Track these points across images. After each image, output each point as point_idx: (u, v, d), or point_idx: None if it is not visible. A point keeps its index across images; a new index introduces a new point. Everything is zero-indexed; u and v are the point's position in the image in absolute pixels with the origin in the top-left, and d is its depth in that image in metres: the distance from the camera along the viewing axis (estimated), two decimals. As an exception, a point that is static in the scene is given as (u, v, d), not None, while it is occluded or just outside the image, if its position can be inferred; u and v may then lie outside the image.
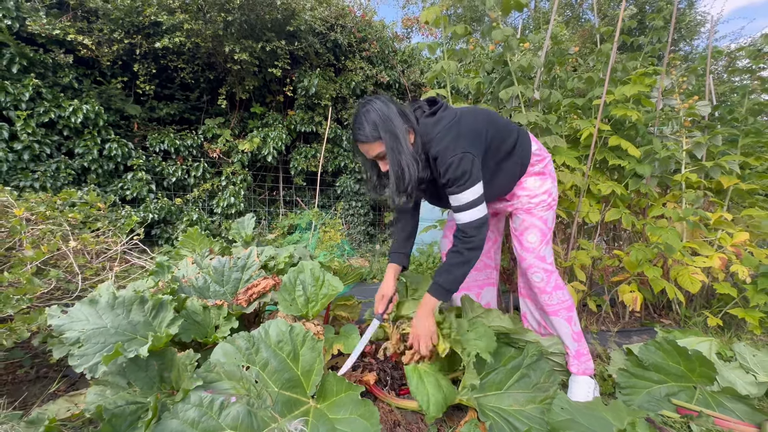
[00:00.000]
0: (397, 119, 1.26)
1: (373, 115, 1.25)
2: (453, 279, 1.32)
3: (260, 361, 1.05)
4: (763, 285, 1.98)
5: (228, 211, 4.70)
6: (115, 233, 2.48)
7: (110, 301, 1.13)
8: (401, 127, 1.26)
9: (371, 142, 1.26)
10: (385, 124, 1.24)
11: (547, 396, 1.29)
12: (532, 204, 1.51)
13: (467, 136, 1.28)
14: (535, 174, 1.51)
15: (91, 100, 3.97)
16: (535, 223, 1.50)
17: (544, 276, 1.50)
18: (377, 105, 1.26)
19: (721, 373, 1.50)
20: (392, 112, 1.26)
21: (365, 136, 1.25)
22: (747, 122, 2.25)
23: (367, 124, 1.25)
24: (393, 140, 1.25)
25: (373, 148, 1.27)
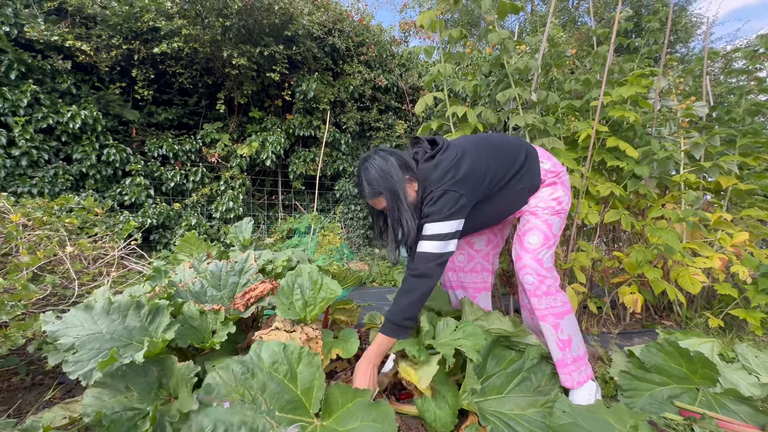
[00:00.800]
0: (396, 173, 1.29)
1: (372, 173, 1.29)
2: (397, 309, 1.25)
3: (257, 386, 1.01)
4: (764, 285, 1.97)
5: (227, 216, 4.69)
6: (113, 238, 2.47)
7: (106, 307, 1.11)
8: (401, 181, 1.29)
9: (374, 198, 1.32)
10: (384, 181, 1.28)
11: (548, 399, 1.28)
12: (539, 207, 1.49)
13: (464, 180, 1.29)
14: (547, 185, 1.50)
15: (89, 105, 3.97)
16: (539, 225, 1.47)
17: (536, 279, 1.43)
18: (377, 162, 1.30)
19: (723, 375, 1.48)
20: (392, 166, 1.29)
21: (367, 194, 1.32)
22: (745, 122, 2.25)
23: (367, 183, 1.30)
24: (392, 198, 1.29)
25: (377, 203, 1.34)
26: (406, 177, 1.31)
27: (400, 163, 1.32)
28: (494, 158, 1.38)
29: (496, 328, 1.42)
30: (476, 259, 1.76)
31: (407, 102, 5.88)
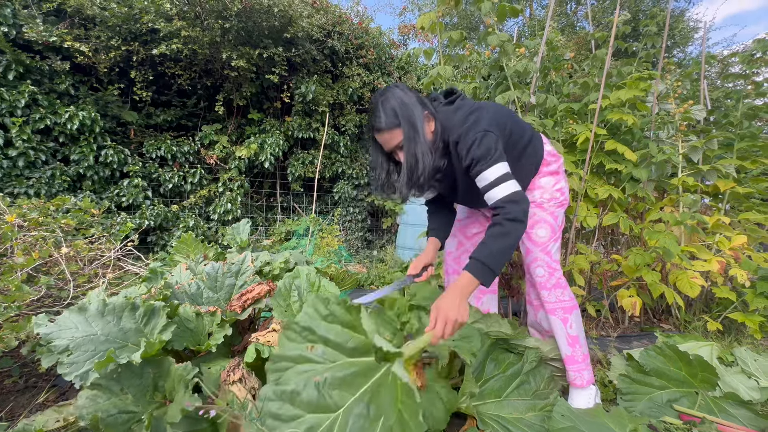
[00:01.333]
0: (416, 107, 1.24)
1: (392, 102, 1.23)
2: (489, 253, 1.12)
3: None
4: (762, 289, 1.97)
5: (225, 218, 4.68)
6: (109, 240, 2.45)
7: (100, 308, 1.10)
8: (420, 114, 1.24)
9: (391, 129, 1.22)
10: (404, 111, 1.22)
11: (547, 403, 1.27)
12: (545, 199, 1.48)
13: (489, 121, 1.25)
14: (549, 174, 1.50)
15: (87, 106, 3.96)
16: (546, 218, 1.46)
17: (546, 271, 1.45)
18: (397, 92, 1.24)
19: (722, 378, 1.48)
20: (411, 99, 1.24)
21: (384, 123, 1.22)
22: (742, 126, 2.26)
23: (386, 112, 1.22)
24: (411, 129, 1.22)
25: (393, 137, 1.24)
26: (425, 113, 1.27)
27: (419, 99, 1.28)
28: (510, 120, 1.37)
29: (494, 331, 1.41)
30: None
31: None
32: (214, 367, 1.22)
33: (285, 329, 0.89)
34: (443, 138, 1.31)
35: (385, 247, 5.31)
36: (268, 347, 1.12)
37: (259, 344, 1.13)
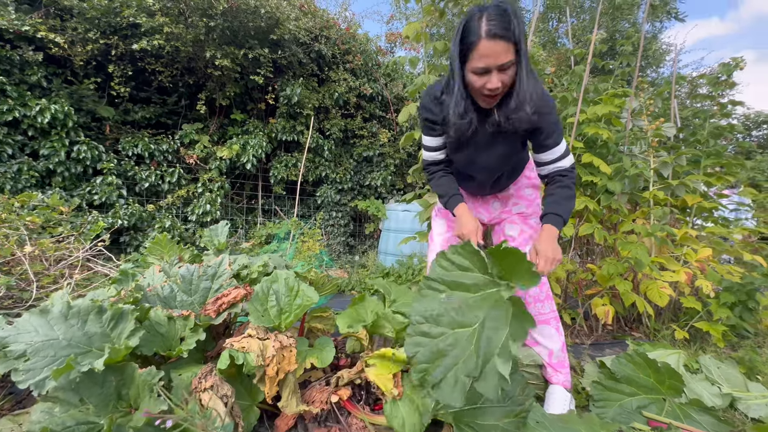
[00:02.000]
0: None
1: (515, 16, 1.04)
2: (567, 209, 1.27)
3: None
4: (725, 299, 2.06)
5: (203, 219, 4.56)
6: (78, 239, 2.35)
7: (64, 311, 1.05)
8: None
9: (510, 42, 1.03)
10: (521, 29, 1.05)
11: (522, 409, 1.28)
12: (529, 214, 1.52)
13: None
14: (530, 186, 1.54)
15: (60, 99, 3.80)
16: (533, 235, 1.50)
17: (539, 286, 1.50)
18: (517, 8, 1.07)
19: (688, 385, 1.53)
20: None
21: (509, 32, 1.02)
22: (708, 144, 2.38)
23: (514, 19, 1.03)
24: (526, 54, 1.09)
25: (507, 52, 1.04)
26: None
27: None
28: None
29: (472, 338, 1.42)
30: None
31: (392, 111, 5.93)
32: (185, 374, 1.18)
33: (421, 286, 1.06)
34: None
35: (367, 252, 5.29)
36: (242, 353, 1.09)
37: (234, 350, 1.10)
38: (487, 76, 1.09)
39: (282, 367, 1.16)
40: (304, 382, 1.45)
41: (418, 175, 2.43)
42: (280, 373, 1.15)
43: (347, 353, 1.65)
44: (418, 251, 4.13)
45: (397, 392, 1.23)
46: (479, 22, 1.04)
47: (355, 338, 1.59)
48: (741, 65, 2.19)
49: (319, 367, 1.39)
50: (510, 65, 1.07)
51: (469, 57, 1.09)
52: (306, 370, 1.43)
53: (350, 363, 1.58)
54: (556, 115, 1.24)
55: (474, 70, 1.09)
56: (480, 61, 1.06)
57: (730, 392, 1.52)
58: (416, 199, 2.43)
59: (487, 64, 1.06)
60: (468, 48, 1.08)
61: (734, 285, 2.07)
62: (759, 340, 2.35)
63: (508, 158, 1.36)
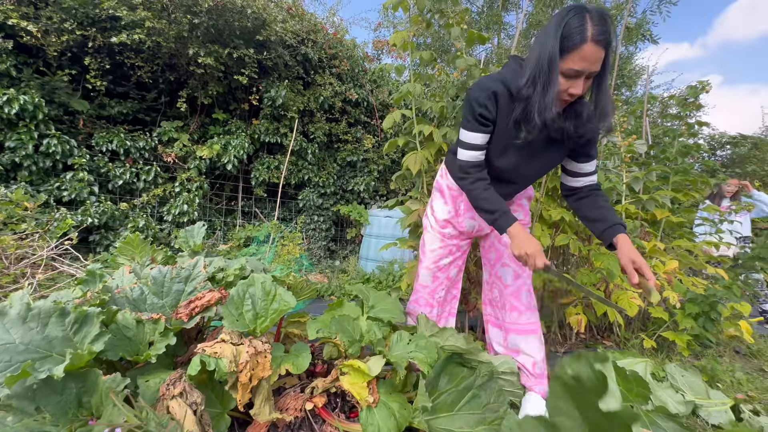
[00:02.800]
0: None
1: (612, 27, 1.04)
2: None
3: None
4: (690, 310, 2.16)
5: (180, 220, 4.43)
6: (44, 237, 2.23)
7: (22, 313, 0.99)
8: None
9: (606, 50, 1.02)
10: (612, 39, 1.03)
11: (497, 417, 1.29)
12: (525, 222, 1.56)
13: None
14: (527, 197, 1.58)
15: (30, 90, 3.64)
16: None
17: (531, 294, 1.53)
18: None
19: (654, 393, 1.59)
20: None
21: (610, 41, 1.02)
22: (677, 162, 2.50)
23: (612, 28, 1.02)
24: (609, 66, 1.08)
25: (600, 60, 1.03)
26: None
27: None
28: None
29: (450, 345, 1.43)
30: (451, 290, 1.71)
31: (376, 117, 5.96)
32: (153, 380, 1.13)
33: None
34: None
35: (348, 257, 5.26)
36: (215, 359, 1.05)
37: (205, 355, 1.06)
38: (575, 81, 1.06)
39: (255, 374, 1.13)
40: (278, 389, 1.42)
41: (402, 181, 2.44)
42: (254, 380, 1.12)
43: (324, 359, 1.63)
44: (398, 257, 4.13)
45: (373, 399, 1.22)
46: (585, 24, 1.00)
47: (333, 344, 1.57)
48: (707, 88, 2.32)
49: (294, 374, 1.37)
50: (595, 74, 1.06)
51: (565, 57, 1.04)
52: (281, 377, 1.39)
53: (327, 369, 1.56)
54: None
55: (566, 72, 1.05)
56: (578, 63, 1.02)
57: (693, 400, 1.59)
58: (398, 205, 2.44)
59: (584, 68, 1.03)
60: (568, 47, 1.03)
61: (698, 296, 2.17)
62: (720, 349, 2.47)
63: (553, 166, 1.34)
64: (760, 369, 2.24)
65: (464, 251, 1.69)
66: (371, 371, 1.21)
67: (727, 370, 2.08)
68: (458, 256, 1.62)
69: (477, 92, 1.23)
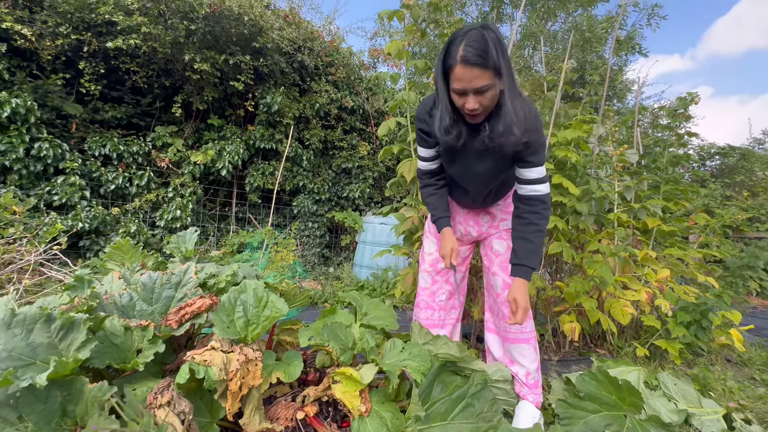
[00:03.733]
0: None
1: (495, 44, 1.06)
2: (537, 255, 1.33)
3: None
4: (682, 318, 2.17)
5: (173, 225, 4.39)
6: (32, 242, 2.20)
7: (7, 319, 0.96)
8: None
9: (486, 69, 1.06)
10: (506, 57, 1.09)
11: (490, 426, 1.28)
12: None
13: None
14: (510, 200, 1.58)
15: (23, 94, 3.61)
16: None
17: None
18: (500, 35, 1.09)
19: (647, 402, 1.59)
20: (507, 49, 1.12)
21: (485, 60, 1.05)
22: (667, 171, 2.54)
23: (493, 48, 1.05)
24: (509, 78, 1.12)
25: (482, 77, 1.07)
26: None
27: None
28: None
29: (443, 353, 1.42)
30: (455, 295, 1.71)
31: (372, 125, 5.99)
32: (140, 389, 1.11)
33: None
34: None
35: (342, 264, 5.24)
36: (204, 367, 1.04)
37: (195, 363, 1.04)
38: (465, 97, 1.13)
39: (246, 382, 1.11)
40: (269, 398, 1.40)
41: (396, 188, 2.45)
42: (244, 388, 1.10)
43: (316, 367, 1.61)
44: (393, 265, 4.12)
45: (365, 408, 1.20)
46: (458, 47, 1.08)
47: (325, 352, 1.55)
48: (696, 100, 2.37)
49: (285, 382, 1.35)
50: (488, 89, 1.10)
51: (449, 77, 1.14)
52: (272, 385, 1.37)
53: (319, 378, 1.54)
54: (543, 135, 1.27)
55: (454, 90, 1.15)
56: (456, 83, 1.11)
57: (686, 408, 1.59)
58: (393, 212, 2.44)
59: (463, 86, 1.11)
60: (447, 69, 1.13)
61: (690, 305, 2.18)
62: (712, 357, 2.48)
63: (497, 174, 1.38)
64: (751, 377, 2.25)
65: (464, 257, 1.71)
66: (363, 379, 1.20)
67: (719, 379, 2.09)
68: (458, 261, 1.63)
69: (419, 109, 1.39)
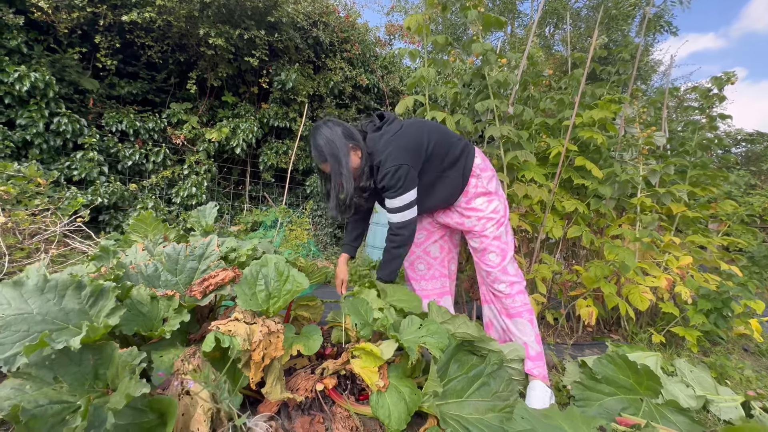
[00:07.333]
0: (340, 141, 1.45)
1: (320, 141, 1.46)
2: (390, 272, 1.59)
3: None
4: (702, 306, 2.13)
5: (188, 202, 4.44)
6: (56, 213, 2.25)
7: (40, 284, 0.99)
8: (344, 148, 1.44)
9: (321, 162, 1.49)
10: (329, 148, 1.44)
11: (506, 405, 1.29)
12: (485, 227, 1.61)
13: (407, 147, 1.46)
14: (481, 194, 1.62)
15: (41, 68, 3.62)
16: (491, 245, 1.61)
17: (507, 286, 1.62)
18: (324, 131, 1.46)
19: (665, 387, 1.58)
20: (336, 135, 1.45)
21: (315, 158, 1.50)
22: (696, 155, 2.44)
23: (315, 149, 1.47)
24: (335, 162, 1.45)
25: (325, 167, 1.50)
26: (350, 145, 1.47)
27: (345, 133, 1.47)
28: (435, 135, 1.54)
29: (461, 332, 1.42)
30: (434, 266, 1.87)
31: (387, 104, 5.88)
32: (167, 356, 1.14)
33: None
34: (370, 162, 1.51)
35: (354, 244, 5.26)
36: (229, 336, 1.06)
37: (220, 333, 1.06)
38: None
39: (268, 353, 1.13)
40: (288, 370, 1.43)
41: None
42: (266, 359, 1.13)
43: (332, 342, 1.64)
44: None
45: (383, 384, 1.22)
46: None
47: (341, 328, 1.57)
48: (732, 80, 2.24)
49: (305, 355, 1.37)
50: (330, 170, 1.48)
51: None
52: (291, 357, 1.40)
53: (336, 352, 1.57)
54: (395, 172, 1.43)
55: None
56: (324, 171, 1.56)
57: (704, 395, 1.57)
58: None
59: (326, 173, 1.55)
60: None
61: (711, 293, 2.13)
62: (729, 347, 2.45)
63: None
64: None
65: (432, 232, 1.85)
66: (384, 355, 1.21)
67: (736, 367, 2.06)
68: (429, 234, 1.84)
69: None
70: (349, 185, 1.45)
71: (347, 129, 1.49)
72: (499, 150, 2.19)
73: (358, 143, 1.49)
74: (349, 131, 1.49)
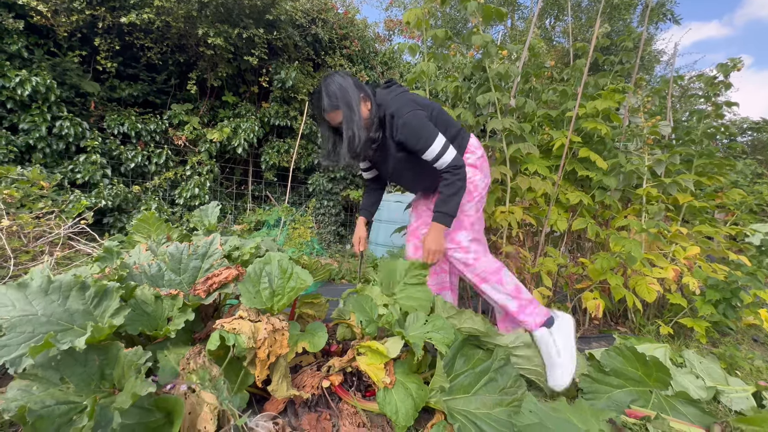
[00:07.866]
0: (352, 90, 1.47)
1: (332, 88, 1.46)
2: (453, 206, 1.52)
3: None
4: (711, 296, 2.10)
5: (191, 203, 4.45)
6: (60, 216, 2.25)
7: (44, 286, 0.99)
8: (356, 97, 1.47)
9: (332, 110, 1.47)
10: (342, 95, 1.45)
11: (514, 399, 1.28)
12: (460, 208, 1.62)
13: (416, 101, 1.53)
14: (469, 165, 1.63)
15: (42, 72, 3.63)
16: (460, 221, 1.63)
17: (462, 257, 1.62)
18: (336, 79, 1.48)
19: (675, 378, 1.56)
20: (349, 84, 1.48)
21: (326, 106, 1.47)
22: (702, 144, 2.40)
23: (327, 96, 1.46)
24: (348, 110, 1.45)
25: (335, 116, 1.48)
26: (361, 95, 1.50)
27: (356, 83, 1.50)
28: (437, 107, 1.63)
29: (467, 327, 1.41)
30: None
31: (387, 101, 5.85)
32: (172, 355, 1.14)
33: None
34: (379, 113, 1.54)
35: (357, 242, 5.25)
36: (233, 335, 1.05)
37: (224, 331, 1.06)
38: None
39: (273, 351, 1.13)
40: (294, 367, 1.43)
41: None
42: (272, 357, 1.12)
43: (338, 340, 1.63)
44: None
45: (390, 380, 1.21)
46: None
47: (346, 325, 1.56)
48: (738, 66, 2.20)
49: (310, 352, 1.37)
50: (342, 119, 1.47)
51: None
52: (297, 355, 1.40)
53: (341, 350, 1.56)
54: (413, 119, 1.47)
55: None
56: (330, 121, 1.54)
57: (714, 385, 1.55)
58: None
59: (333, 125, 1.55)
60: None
61: (720, 283, 2.11)
62: (738, 337, 2.42)
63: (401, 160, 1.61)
64: (780, 357, 2.19)
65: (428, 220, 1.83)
66: (390, 353, 1.20)
67: (746, 358, 2.04)
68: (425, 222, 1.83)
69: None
70: (361, 132, 1.46)
71: (357, 80, 1.53)
72: (502, 143, 2.17)
73: (368, 95, 1.53)
74: (359, 83, 1.53)
